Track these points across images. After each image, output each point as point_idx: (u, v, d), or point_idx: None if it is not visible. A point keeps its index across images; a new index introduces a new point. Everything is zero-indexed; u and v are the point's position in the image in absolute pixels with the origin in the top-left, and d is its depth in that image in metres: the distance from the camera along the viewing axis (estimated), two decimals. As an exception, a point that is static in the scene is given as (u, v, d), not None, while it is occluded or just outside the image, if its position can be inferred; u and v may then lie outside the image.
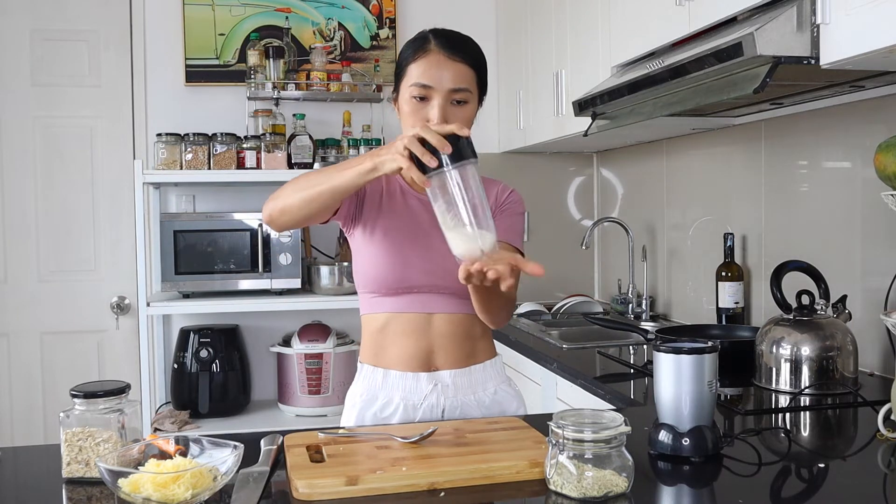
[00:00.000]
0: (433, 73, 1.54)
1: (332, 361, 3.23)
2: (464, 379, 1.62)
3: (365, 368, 1.66)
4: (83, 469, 1.24)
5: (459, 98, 1.56)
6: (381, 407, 1.61)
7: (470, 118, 1.60)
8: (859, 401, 1.73)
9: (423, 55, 1.56)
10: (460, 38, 1.60)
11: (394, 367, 1.62)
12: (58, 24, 3.41)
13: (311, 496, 1.15)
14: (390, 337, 1.62)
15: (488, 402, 1.64)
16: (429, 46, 1.57)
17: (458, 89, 1.55)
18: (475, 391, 1.64)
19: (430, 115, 1.54)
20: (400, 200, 1.65)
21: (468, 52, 1.58)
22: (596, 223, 3.39)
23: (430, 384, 1.60)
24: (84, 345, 3.46)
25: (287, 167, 3.26)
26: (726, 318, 2.54)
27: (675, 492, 1.24)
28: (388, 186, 1.66)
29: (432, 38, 1.58)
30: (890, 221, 1.94)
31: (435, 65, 1.55)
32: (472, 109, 1.60)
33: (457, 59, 1.56)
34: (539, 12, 3.20)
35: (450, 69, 1.55)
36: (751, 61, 1.66)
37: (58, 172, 3.44)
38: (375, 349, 1.65)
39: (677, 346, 1.31)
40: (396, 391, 1.61)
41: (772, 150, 2.45)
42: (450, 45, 1.57)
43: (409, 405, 1.60)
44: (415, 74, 1.56)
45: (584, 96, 2.47)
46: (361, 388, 1.65)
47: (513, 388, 1.71)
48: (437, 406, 1.60)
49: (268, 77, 3.35)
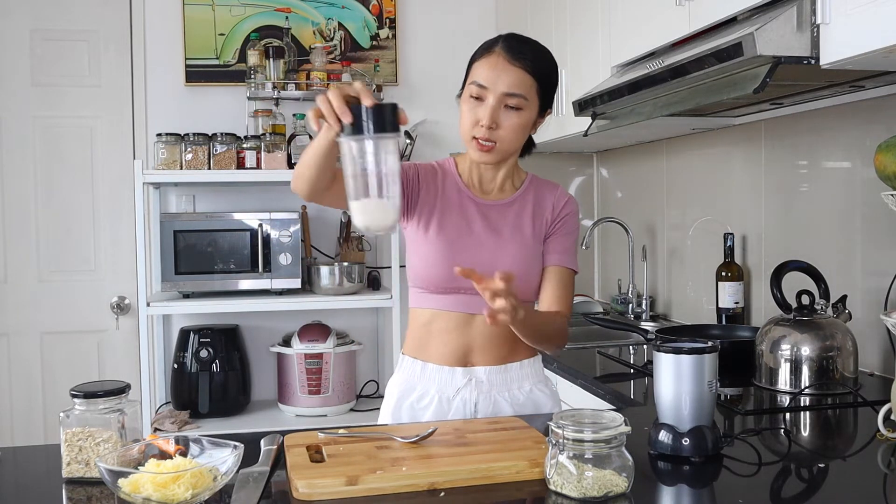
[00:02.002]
0: (491, 73, 1.56)
1: (332, 361, 3.22)
2: (499, 376, 1.65)
3: (406, 360, 1.70)
4: (83, 469, 1.24)
5: (513, 104, 1.56)
6: (417, 398, 1.65)
7: (522, 125, 1.59)
8: (859, 401, 1.73)
9: (487, 55, 1.58)
10: (529, 44, 1.60)
11: (433, 360, 1.65)
12: (58, 24, 3.41)
13: (311, 496, 1.15)
14: (433, 332, 1.65)
15: (523, 399, 1.66)
16: (495, 48, 1.58)
17: (512, 94, 1.55)
18: (510, 388, 1.65)
19: (480, 115, 1.56)
20: (455, 200, 1.67)
21: (532, 59, 1.57)
22: (596, 223, 3.39)
23: (465, 378, 1.63)
24: (84, 345, 3.46)
25: (287, 167, 3.25)
26: (726, 318, 2.54)
27: (675, 492, 1.24)
28: (444, 187, 1.68)
29: (501, 40, 1.59)
30: (890, 221, 1.94)
31: (494, 66, 1.56)
32: (527, 117, 1.59)
33: (517, 65, 1.56)
34: (539, 12, 3.20)
35: (508, 73, 1.55)
36: (751, 61, 1.66)
37: (58, 172, 3.44)
38: (418, 342, 1.68)
39: (677, 346, 1.32)
40: (433, 384, 1.64)
41: (772, 150, 2.45)
42: (513, 49, 1.57)
43: (444, 398, 1.63)
44: (476, 73, 1.58)
45: (584, 96, 2.47)
46: (400, 379, 1.69)
47: (549, 389, 1.72)
48: (469, 401, 1.63)
49: (268, 77, 3.35)
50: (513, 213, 1.68)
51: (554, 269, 1.67)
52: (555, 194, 1.72)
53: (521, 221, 1.67)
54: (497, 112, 1.56)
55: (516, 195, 1.70)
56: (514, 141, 1.61)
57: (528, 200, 1.69)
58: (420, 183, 1.66)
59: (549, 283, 1.67)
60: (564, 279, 1.68)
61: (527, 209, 1.68)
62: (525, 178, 1.74)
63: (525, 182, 1.73)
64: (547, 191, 1.72)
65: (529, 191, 1.71)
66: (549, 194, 1.71)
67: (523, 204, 1.69)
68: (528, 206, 1.69)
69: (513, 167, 1.71)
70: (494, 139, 1.58)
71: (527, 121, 1.60)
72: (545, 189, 1.73)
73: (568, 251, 1.69)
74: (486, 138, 1.58)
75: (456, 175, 1.70)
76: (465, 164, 1.71)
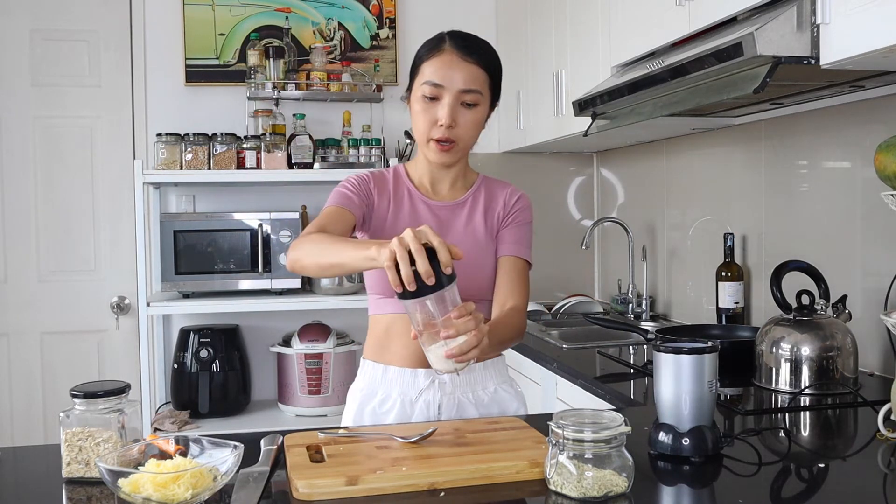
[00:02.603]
0: (445, 72, 1.55)
1: (332, 361, 3.23)
2: (463, 377, 1.62)
3: (367, 364, 1.68)
4: (83, 469, 1.24)
5: (470, 100, 1.56)
6: (379, 402, 1.63)
7: (479, 121, 1.60)
8: (859, 401, 1.73)
9: (437, 54, 1.57)
10: (476, 40, 1.61)
11: (394, 363, 1.63)
12: (58, 24, 3.41)
13: (311, 496, 1.15)
14: (393, 336, 1.63)
15: (487, 400, 1.64)
16: (443, 46, 1.57)
17: (468, 90, 1.56)
18: (474, 389, 1.64)
19: (438, 115, 1.55)
20: (407, 204, 1.66)
21: (482, 54, 1.58)
22: (596, 223, 3.39)
23: (428, 380, 1.61)
24: (84, 345, 3.47)
25: (287, 167, 3.26)
26: (726, 318, 2.54)
27: (675, 492, 1.24)
28: (395, 193, 1.67)
29: (448, 38, 1.58)
30: (890, 221, 1.94)
31: (447, 64, 1.55)
32: (482, 113, 1.60)
33: (470, 61, 1.56)
34: (539, 12, 3.20)
35: (462, 69, 1.55)
36: (751, 61, 1.66)
37: (58, 172, 3.44)
38: (378, 347, 1.66)
39: (677, 346, 1.31)
40: (395, 386, 1.62)
41: (772, 150, 2.45)
42: (464, 45, 1.57)
43: (406, 400, 1.61)
44: (427, 73, 1.57)
45: (584, 96, 2.47)
46: (362, 384, 1.67)
47: (514, 388, 1.71)
48: (433, 402, 1.61)
49: (268, 77, 3.35)
50: (465, 212, 1.67)
51: (507, 260, 1.66)
52: (506, 192, 1.71)
53: (473, 220, 1.67)
54: (455, 110, 1.55)
55: (468, 194, 1.69)
56: (472, 138, 1.61)
57: (479, 199, 1.69)
58: (373, 192, 1.65)
59: (503, 275, 1.65)
60: (518, 269, 1.66)
61: (478, 207, 1.68)
62: (476, 177, 1.73)
63: (476, 182, 1.72)
64: (498, 189, 1.72)
65: (481, 190, 1.70)
66: (501, 192, 1.71)
67: (475, 203, 1.69)
68: (480, 205, 1.68)
69: (464, 166, 1.70)
70: (453, 137, 1.57)
71: (482, 116, 1.60)
72: (497, 187, 1.72)
73: (521, 241, 1.68)
74: (445, 138, 1.57)
75: (406, 180, 1.69)
76: (415, 169, 1.70)
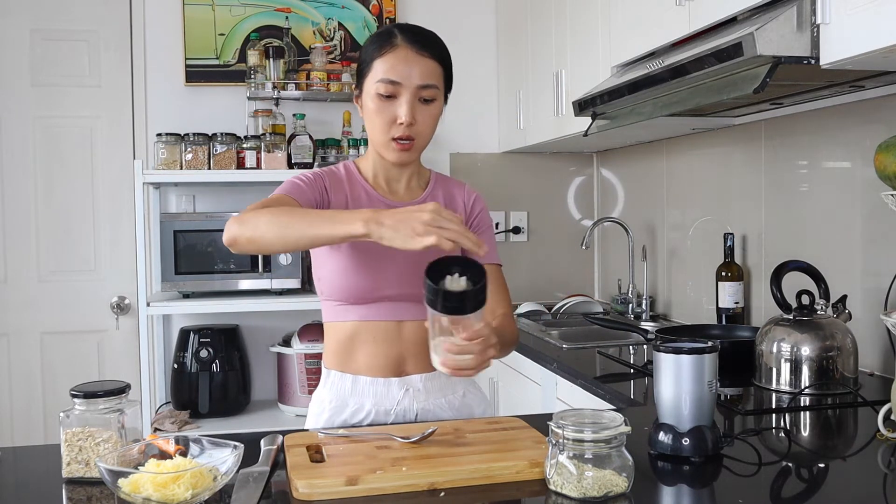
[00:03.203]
0: (401, 68, 1.49)
1: (332, 361, 3.22)
2: (434, 383, 1.59)
3: (332, 374, 1.61)
4: (83, 469, 1.24)
5: (427, 96, 1.51)
6: (351, 413, 1.57)
7: (437, 116, 1.55)
8: (859, 401, 1.73)
9: (390, 50, 1.50)
10: (428, 33, 1.55)
11: (364, 373, 1.57)
12: (58, 24, 3.41)
13: (311, 496, 1.15)
14: (359, 344, 1.57)
15: (458, 404, 1.63)
16: (396, 41, 1.51)
17: (426, 86, 1.50)
18: (445, 394, 1.61)
19: (398, 112, 1.50)
20: (365, 204, 1.59)
21: (436, 47, 1.52)
22: (596, 223, 3.39)
23: (402, 389, 1.57)
24: (84, 345, 3.46)
25: (287, 167, 3.26)
26: (726, 318, 2.54)
27: (675, 492, 1.24)
28: (352, 193, 1.60)
29: (398, 32, 1.52)
30: (890, 221, 1.94)
31: (403, 60, 1.49)
32: (439, 108, 1.55)
33: (425, 55, 1.50)
34: (539, 12, 3.20)
35: (418, 65, 1.49)
36: (751, 61, 1.66)
37: (58, 172, 3.44)
38: (343, 356, 1.60)
39: (677, 346, 1.31)
40: (367, 397, 1.57)
41: (772, 150, 2.45)
42: (418, 39, 1.51)
43: (381, 410, 1.56)
44: (381, 70, 1.50)
45: (584, 96, 2.47)
46: (330, 395, 1.60)
47: (479, 391, 1.71)
48: (409, 410, 1.57)
49: (268, 77, 3.35)
50: None
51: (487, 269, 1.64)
52: (463, 192, 1.68)
53: None
54: (415, 107, 1.50)
55: (425, 194, 1.64)
56: (430, 134, 1.56)
57: (438, 199, 1.64)
58: (328, 190, 1.57)
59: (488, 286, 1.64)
60: (496, 276, 1.63)
61: None
62: (429, 175, 1.69)
63: (431, 180, 1.67)
64: (455, 189, 1.68)
65: (438, 189, 1.66)
66: (458, 193, 1.67)
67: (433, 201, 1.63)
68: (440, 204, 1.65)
69: (417, 164, 1.65)
70: (413, 135, 1.52)
71: (439, 111, 1.55)
72: (453, 187, 1.68)
73: (491, 248, 1.64)
74: (406, 136, 1.51)
75: (360, 178, 1.62)
76: (367, 166, 1.63)
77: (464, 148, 3.65)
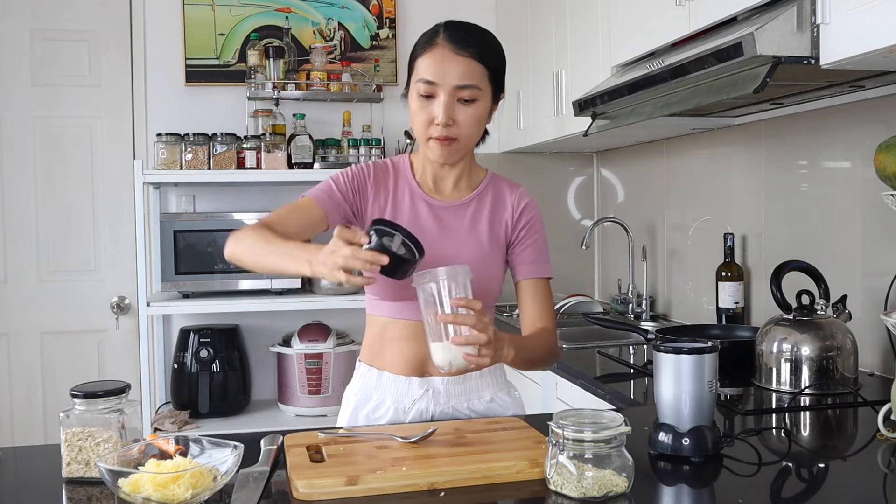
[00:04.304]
0: (438, 68, 1.47)
1: (332, 361, 3.23)
2: (457, 387, 1.58)
3: (362, 367, 1.65)
4: (83, 469, 1.24)
5: (467, 96, 1.48)
6: (373, 407, 1.59)
7: (479, 117, 1.52)
8: (859, 401, 1.73)
9: (431, 49, 1.49)
10: (471, 30, 1.52)
11: (388, 369, 1.59)
12: (58, 24, 3.41)
13: (311, 496, 1.15)
14: (388, 340, 1.59)
15: (482, 409, 1.60)
16: (437, 40, 1.49)
17: (463, 86, 1.47)
18: (469, 399, 1.59)
19: (435, 113, 1.48)
20: (407, 201, 1.59)
21: (477, 45, 1.49)
22: (596, 223, 3.39)
23: (422, 389, 1.57)
24: (84, 345, 3.46)
25: (287, 167, 3.26)
26: (726, 318, 2.54)
27: (675, 492, 1.24)
28: (395, 191, 1.60)
29: (442, 30, 1.50)
30: (890, 221, 1.94)
31: (440, 59, 1.47)
32: (482, 108, 1.52)
33: (464, 54, 1.47)
34: (539, 12, 3.20)
35: (456, 64, 1.46)
36: (751, 61, 1.66)
37: (58, 172, 3.44)
38: (374, 350, 1.62)
39: (677, 346, 1.31)
40: (388, 393, 1.58)
41: (772, 150, 2.45)
42: (457, 38, 1.48)
43: (400, 408, 1.57)
44: (421, 69, 1.49)
45: (584, 96, 2.47)
46: (357, 387, 1.64)
47: (511, 396, 1.66)
48: (426, 411, 1.57)
49: (268, 77, 3.35)
50: (469, 215, 1.59)
51: (528, 283, 1.60)
52: (514, 195, 1.63)
53: (477, 224, 1.59)
54: (451, 107, 1.47)
55: (473, 195, 1.61)
56: (473, 135, 1.54)
57: (485, 202, 1.61)
58: (369, 187, 1.58)
59: (527, 299, 1.60)
60: (541, 290, 1.60)
61: (484, 211, 1.60)
62: (484, 176, 1.65)
63: (484, 181, 1.64)
64: (507, 191, 1.63)
65: (487, 191, 1.62)
66: (509, 196, 1.63)
67: (480, 205, 1.61)
68: (486, 208, 1.61)
69: (468, 164, 1.62)
70: (453, 136, 1.50)
71: (483, 111, 1.52)
72: (505, 189, 1.64)
73: (539, 259, 1.61)
74: (444, 137, 1.49)
75: (409, 174, 1.61)
76: (418, 163, 1.62)
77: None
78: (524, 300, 1.60)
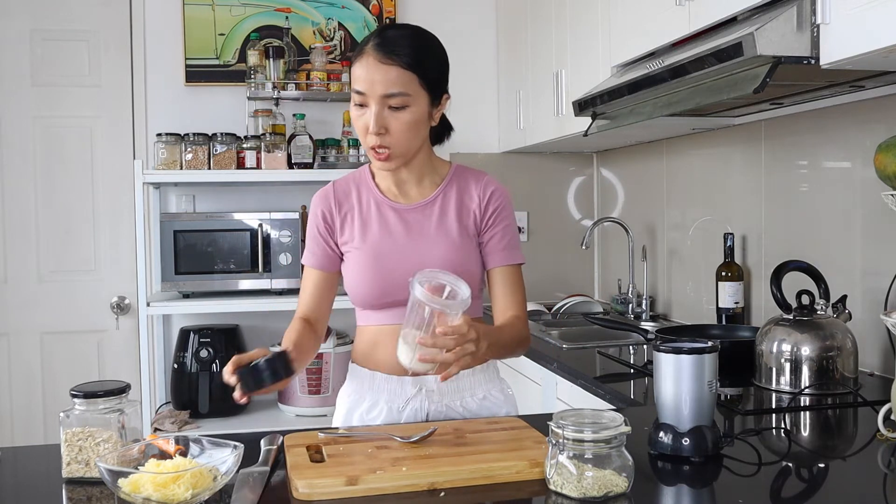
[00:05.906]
0: (365, 77, 1.45)
1: (331, 361, 3.22)
2: (450, 385, 1.57)
3: (355, 369, 1.66)
4: (83, 469, 1.24)
5: (395, 104, 1.45)
6: (367, 408, 1.60)
7: (412, 122, 1.48)
8: (859, 401, 1.73)
9: (360, 58, 1.47)
10: (398, 36, 1.48)
11: (381, 369, 1.60)
12: (58, 24, 3.41)
13: (311, 496, 1.15)
14: (380, 346, 1.60)
15: (475, 407, 1.61)
16: (366, 48, 1.47)
17: (391, 94, 1.45)
18: (462, 397, 1.60)
19: (367, 122, 1.47)
20: (374, 212, 1.60)
21: (402, 52, 1.45)
22: (596, 223, 3.39)
23: (415, 388, 1.58)
24: (84, 345, 3.46)
25: (287, 167, 3.26)
26: (726, 318, 2.54)
27: (675, 492, 1.24)
28: (360, 200, 1.61)
29: (373, 38, 1.47)
30: (890, 221, 1.94)
31: (367, 68, 1.45)
32: (417, 113, 1.48)
33: (390, 62, 1.44)
34: (539, 12, 3.20)
35: (381, 73, 1.44)
36: (751, 61, 1.66)
37: (58, 172, 3.44)
38: (365, 353, 1.64)
39: (677, 346, 1.31)
40: (382, 393, 1.59)
41: (772, 150, 2.45)
42: (384, 45, 1.45)
43: (394, 408, 1.58)
44: (353, 78, 1.48)
45: (584, 96, 2.47)
46: (350, 389, 1.66)
47: (504, 393, 1.66)
48: (420, 410, 1.57)
49: (268, 77, 3.35)
50: (436, 212, 1.59)
51: (499, 271, 1.60)
52: (480, 185, 1.61)
53: (445, 220, 1.58)
54: (381, 116, 1.45)
55: (437, 192, 1.60)
56: (408, 141, 1.50)
57: (450, 196, 1.60)
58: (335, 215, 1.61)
59: (498, 287, 1.60)
60: (512, 278, 1.60)
61: (450, 205, 1.59)
62: (447, 170, 1.63)
63: (447, 175, 1.62)
64: (472, 182, 1.61)
65: (452, 184, 1.61)
66: (475, 185, 1.61)
67: (446, 200, 1.60)
68: (452, 202, 1.59)
69: (425, 163, 1.60)
70: (387, 144, 1.48)
71: (418, 117, 1.48)
72: (470, 180, 1.62)
73: (508, 246, 1.60)
74: (379, 146, 1.48)
75: (371, 184, 1.61)
76: (379, 172, 1.62)
77: (464, 148, 3.65)
78: (496, 288, 1.61)
